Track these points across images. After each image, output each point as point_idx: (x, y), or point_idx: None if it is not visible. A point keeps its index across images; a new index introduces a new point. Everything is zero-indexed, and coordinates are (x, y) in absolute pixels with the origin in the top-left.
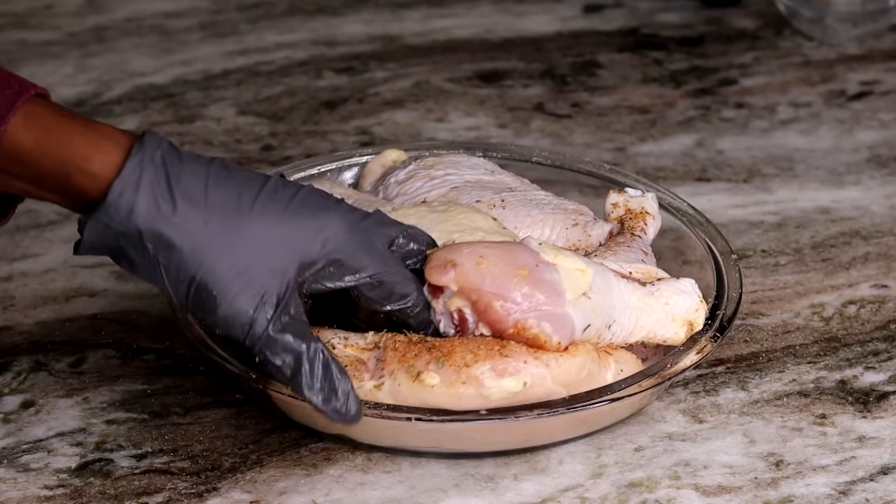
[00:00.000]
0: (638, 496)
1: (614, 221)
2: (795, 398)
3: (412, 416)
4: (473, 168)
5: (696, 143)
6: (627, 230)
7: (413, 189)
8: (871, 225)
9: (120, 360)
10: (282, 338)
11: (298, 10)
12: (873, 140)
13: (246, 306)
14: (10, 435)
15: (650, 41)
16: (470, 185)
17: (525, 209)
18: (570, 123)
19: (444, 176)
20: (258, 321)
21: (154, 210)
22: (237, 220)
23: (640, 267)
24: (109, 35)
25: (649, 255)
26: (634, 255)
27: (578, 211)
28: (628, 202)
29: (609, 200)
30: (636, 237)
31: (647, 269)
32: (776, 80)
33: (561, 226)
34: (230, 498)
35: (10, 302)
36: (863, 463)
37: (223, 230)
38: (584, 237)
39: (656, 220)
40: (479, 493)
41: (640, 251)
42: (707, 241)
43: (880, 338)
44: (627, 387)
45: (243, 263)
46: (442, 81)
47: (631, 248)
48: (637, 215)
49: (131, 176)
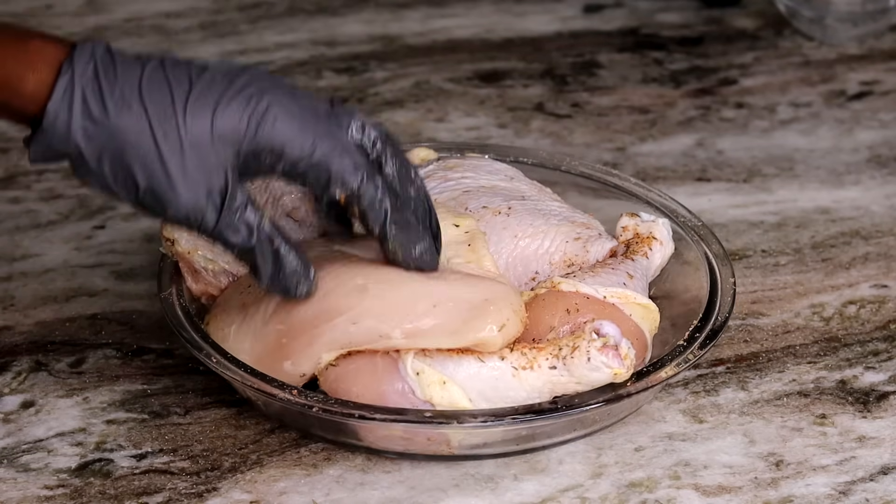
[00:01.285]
0: (638, 496)
1: (622, 244)
2: (795, 398)
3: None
4: (493, 173)
5: (696, 143)
6: (630, 253)
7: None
8: (871, 225)
9: (120, 360)
10: (230, 228)
11: (298, 10)
12: (873, 140)
13: (192, 205)
14: (10, 435)
15: (650, 41)
16: (483, 191)
17: (529, 218)
18: (570, 123)
19: (459, 178)
20: (207, 217)
21: (90, 126)
22: (171, 121)
23: (616, 291)
24: (109, 35)
25: (635, 278)
26: (616, 279)
27: (586, 225)
28: (638, 226)
29: (620, 223)
30: (628, 260)
31: (624, 293)
32: (776, 80)
33: (562, 238)
34: (230, 498)
35: (10, 302)
36: (863, 463)
37: (160, 134)
38: (581, 252)
39: (664, 246)
40: (479, 493)
41: (625, 274)
42: (705, 249)
43: (880, 338)
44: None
45: (183, 164)
46: (442, 81)
47: (616, 270)
48: (643, 240)
49: (63, 96)
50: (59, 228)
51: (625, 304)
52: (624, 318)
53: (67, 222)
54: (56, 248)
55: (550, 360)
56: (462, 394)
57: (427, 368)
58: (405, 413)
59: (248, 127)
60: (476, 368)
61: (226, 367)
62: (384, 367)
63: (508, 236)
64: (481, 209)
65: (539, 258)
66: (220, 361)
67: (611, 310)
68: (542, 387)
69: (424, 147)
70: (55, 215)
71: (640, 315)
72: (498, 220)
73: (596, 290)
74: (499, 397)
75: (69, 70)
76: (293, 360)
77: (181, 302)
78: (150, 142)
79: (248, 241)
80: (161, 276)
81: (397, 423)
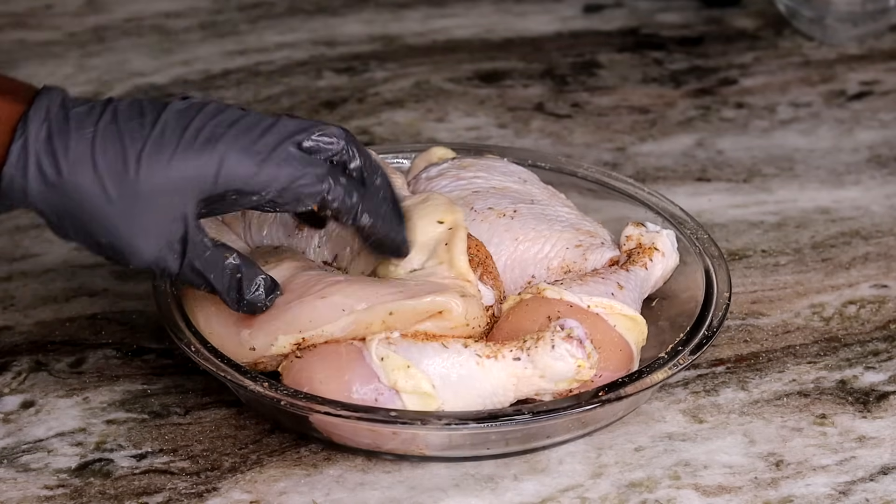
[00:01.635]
0: (638, 496)
1: (624, 253)
2: (795, 398)
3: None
4: (507, 175)
5: (696, 143)
6: (628, 263)
7: (438, 186)
8: (871, 225)
9: (120, 360)
10: (193, 272)
11: (298, 10)
12: (873, 140)
13: (153, 257)
14: (10, 435)
15: (650, 41)
16: (492, 192)
17: (533, 223)
18: (570, 123)
19: (472, 178)
20: (170, 266)
21: (46, 190)
22: (126, 179)
23: (601, 301)
24: (109, 35)
25: (626, 289)
26: (605, 289)
27: (591, 233)
28: (641, 236)
29: (624, 233)
30: (622, 270)
31: (610, 303)
32: (776, 80)
33: (562, 245)
34: (230, 498)
35: (10, 302)
36: (863, 463)
37: (115, 192)
38: (580, 260)
39: (666, 257)
40: (479, 493)
41: (615, 284)
42: (701, 250)
43: (880, 338)
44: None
45: (140, 219)
46: (442, 81)
47: (606, 280)
48: (645, 250)
49: (17, 162)
50: None
51: (609, 314)
52: (607, 328)
53: None
54: (56, 248)
55: (514, 352)
56: (426, 379)
57: (391, 354)
58: (372, 411)
59: (205, 175)
60: (439, 354)
61: (208, 359)
62: (348, 354)
63: (509, 239)
64: (487, 210)
65: (537, 263)
66: (200, 352)
67: (593, 319)
68: (507, 381)
69: (441, 146)
70: None
71: (626, 326)
72: (501, 221)
73: (581, 298)
74: (463, 386)
75: (23, 134)
76: (251, 331)
77: (172, 288)
78: (104, 200)
79: (211, 280)
80: None
81: (363, 420)
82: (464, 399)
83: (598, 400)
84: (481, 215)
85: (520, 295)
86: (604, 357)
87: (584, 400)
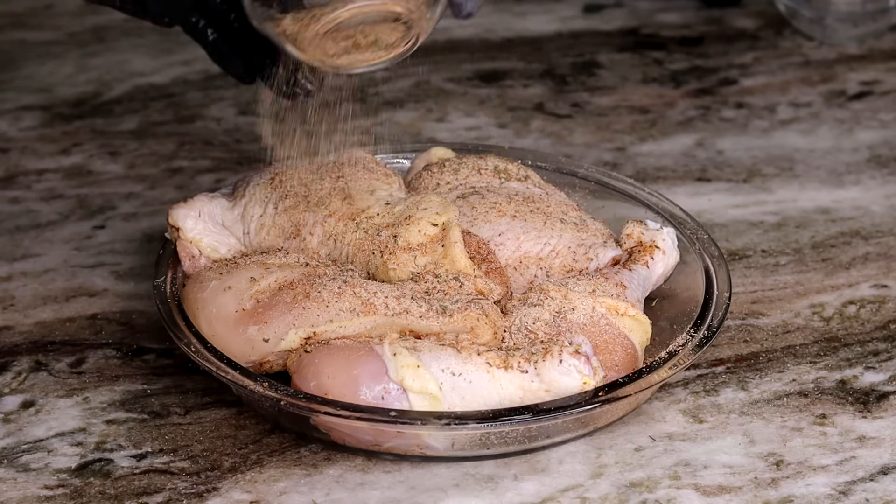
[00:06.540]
0: (638, 496)
1: (625, 251)
2: (795, 398)
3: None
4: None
5: (696, 143)
6: (630, 262)
7: (438, 186)
8: (871, 225)
9: (120, 360)
10: None
11: None
12: (873, 140)
13: None
14: (10, 435)
15: (650, 41)
16: (493, 190)
17: (535, 222)
18: (570, 123)
19: (471, 178)
20: None
21: None
22: None
23: (606, 301)
24: (109, 35)
25: (629, 288)
26: (609, 289)
27: (592, 232)
28: (642, 234)
29: (624, 231)
30: (625, 270)
31: (615, 304)
32: (776, 80)
33: (564, 244)
34: (230, 498)
35: (10, 302)
36: (863, 463)
37: None
38: (582, 259)
39: (667, 255)
40: (479, 493)
41: (619, 284)
42: (702, 251)
43: (880, 338)
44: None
45: None
46: (442, 81)
47: (609, 280)
48: (646, 248)
49: None
50: (59, 228)
51: (614, 315)
52: (611, 328)
53: (67, 222)
54: (56, 248)
55: (522, 364)
56: (434, 381)
57: (404, 351)
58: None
59: None
60: (451, 358)
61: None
62: (358, 351)
63: (511, 238)
64: (488, 209)
65: (539, 262)
66: (200, 352)
67: (598, 320)
68: (514, 393)
69: (441, 147)
70: (55, 215)
71: (630, 326)
72: (503, 220)
73: (584, 299)
74: (470, 392)
75: None
76: (261, 326)
77: (173, 288)
78: None
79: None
80: (159, 263)
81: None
82: (470, 406)
83: (598, 400)
84: (483, 215)
85: (524, 296)
86: (609, 357)
87: (584, 400)
